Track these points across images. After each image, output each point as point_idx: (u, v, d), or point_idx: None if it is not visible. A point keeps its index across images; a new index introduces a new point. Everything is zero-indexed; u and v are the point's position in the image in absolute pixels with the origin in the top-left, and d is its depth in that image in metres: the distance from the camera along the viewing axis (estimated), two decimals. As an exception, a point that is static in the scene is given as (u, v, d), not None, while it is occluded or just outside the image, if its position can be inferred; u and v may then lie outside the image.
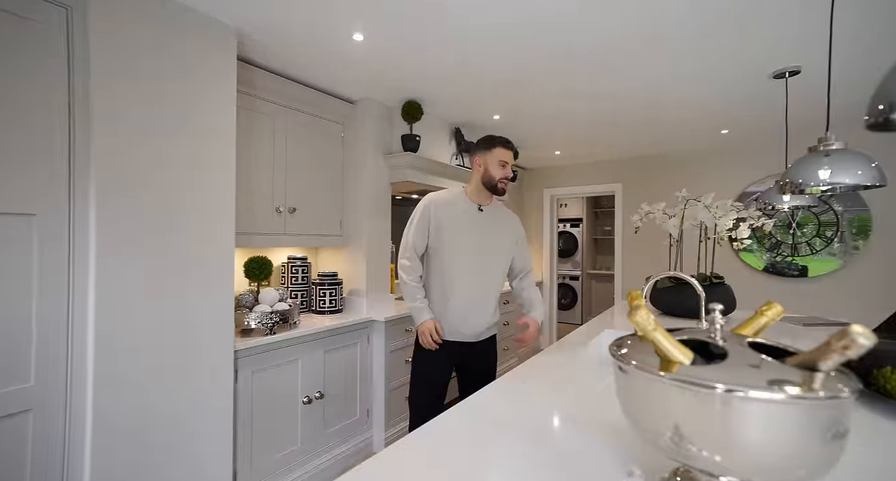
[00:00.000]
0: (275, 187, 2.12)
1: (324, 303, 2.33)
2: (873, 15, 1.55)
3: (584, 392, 1.13)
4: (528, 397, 1.09)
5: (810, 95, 2.32)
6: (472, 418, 0.96)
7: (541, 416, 0.97)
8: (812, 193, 1.30)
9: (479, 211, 1.67)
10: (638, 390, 0.60)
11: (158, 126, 1.46)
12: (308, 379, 2.01)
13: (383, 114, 2.60)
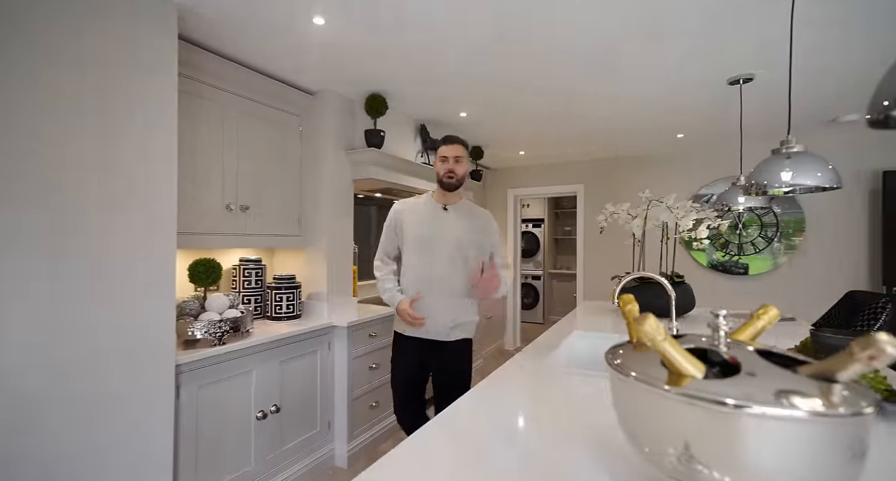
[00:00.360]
0: (225, 183, 1.93)
1: (280, 309, 2.16)
2: (827, 27, 1.64)
3: (565, 400, 1.09)
4: (510, 408, 1.03)
5: (763, 101, 2.45)
6: (451, 436, 0.88)
7: (527, 431, 0.91)
8: (775, 194, 1.34)
9: (444, 210, 1.69)
10: (640, 404, 0.55)
11: (82, 115, 1.26)
12: (263, 392, 1.85)
13: (345, 107, 2.46)
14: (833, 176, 1.17)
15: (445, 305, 1.64)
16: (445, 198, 1.71)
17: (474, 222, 1.70)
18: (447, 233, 1.65)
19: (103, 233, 1.30)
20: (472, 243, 1.68)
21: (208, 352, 1.59)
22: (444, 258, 1.64)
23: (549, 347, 1.60)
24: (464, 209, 1.72)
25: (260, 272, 2.21)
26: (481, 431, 0.89)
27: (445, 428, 0.91)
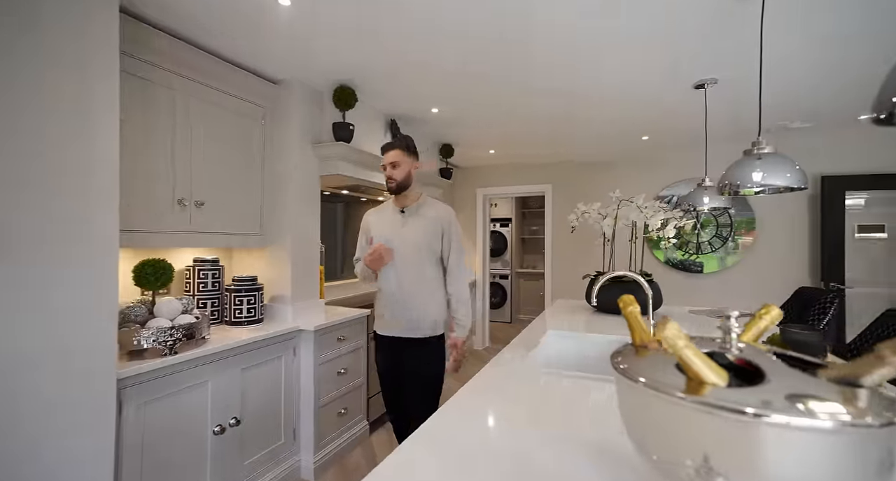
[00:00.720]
0: (177, 175, 1.76)
1: (240, 313, 2.00)
2: (790, 35, 1.72)
3: (548, 401, 1.05)
4: (494, 414, 0.98)
5: (726, 105, 2.56)
6: (437, 447, 0.82)
7: (518, 441, 0.86)
8: (746, 194, 1.38)
9: (401, 213, 1.77)
10: (651, 412, 0.51)
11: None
12: (220, 404, 1.70)
13: (312, 98, 2.33)
14: (801, 176, 1.22)
15: (411, 304, 1.70)
16: (399, 201, 1.78)
17: (429, 223, 1.73)
18: (404, 236, 1.72)
19: (26, 230, 1.12)
20: (426, 244, 1.71)
21: (157, 363, 1.43)
22: (404, 260, 1.72)
23: (527, 347, 1.57)
24: (420, 209, 1.76)
25: (217, 273, 2.04)
26: (468, 440, 0.84)
27: (429, 439, 0.85)
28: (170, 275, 1.63)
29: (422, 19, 1.63)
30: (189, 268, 2.00)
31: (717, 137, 3.30)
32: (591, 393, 1.11)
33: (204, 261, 2.02)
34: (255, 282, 2.08)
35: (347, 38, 1.80)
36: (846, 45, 1.81)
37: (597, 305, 2.44)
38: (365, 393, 2.52)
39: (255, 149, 2.14)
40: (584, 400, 1.07)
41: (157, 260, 1.62)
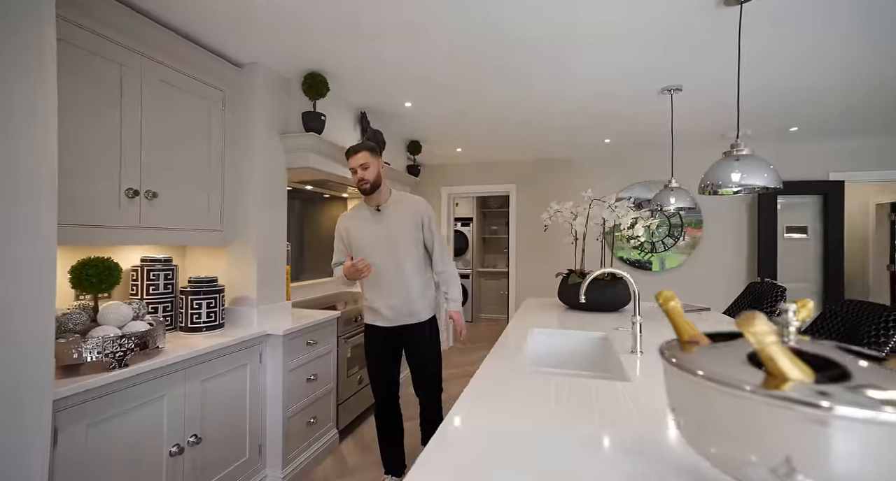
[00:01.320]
0: (125, 163, 1.54)
1: (198, 318, 1.80)
2: (754, 44, 1.84)
3: (548, 401, 1.03)
4: (516, 419, 0.94)
5: (688, 111, 2.71)
6: (454, 459, 0.76)
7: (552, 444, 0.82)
8: (724, 193, 1.46)
9: (378, 211, 1.82)
10: (716, 408, 0.49)
11: None
12: (178, 421, 1.51)
13: (280, 85, 2.16)
14: (775, 177, 1.30)
15: (401, 293, 1.80)
16: (373, 200, 1.83)
17: (405, 217, 1.81)
18: (384, 233, 1.80)
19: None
20: (405, 236, 1.80)
21: (103, 378, 1.24)
22: (388, 255, 1.79)
23: (515, 348, 1.55)
24: (396, 204, 1.84)
25: (170, 274, 1.82)
26: (482, 446, 0.79)
27: (444, 449, 0.79)
28: (116, 277, 1.42)
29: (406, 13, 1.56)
30: (136, 269, 1.77)
31: (680, 142, 3.52)
32: (599, 391, 1.11)
33: (154, 261, 1.80)
34: (215, 284, 1.88)
35: (320, 16, 1.67)
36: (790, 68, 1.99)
37: (568, 302, 2.50)
38: (334, 400, 2.38)
39: (214, 137, 1.94)
40: (591, 397, 1.06)
41: (100, 259, 1.40)
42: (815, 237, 3.68)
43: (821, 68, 2.06)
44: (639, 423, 0.90)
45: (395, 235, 1.78)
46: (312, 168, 2.20)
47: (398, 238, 1.78)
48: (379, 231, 1.79)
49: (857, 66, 2.03)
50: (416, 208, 1.82)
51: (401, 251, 1.78)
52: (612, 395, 1.08)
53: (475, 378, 1.21)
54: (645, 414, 0.95)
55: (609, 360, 1.59)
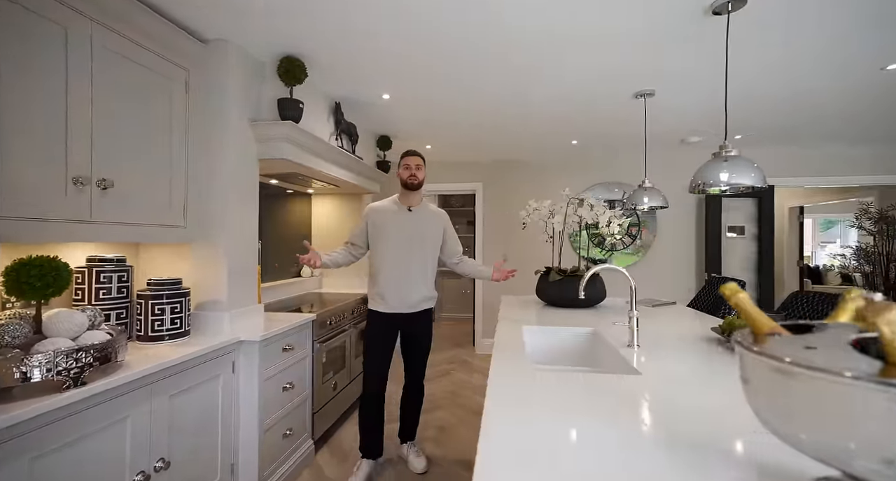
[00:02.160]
0: (72, 146, 1.31)
1: (160, 325, 1.59)
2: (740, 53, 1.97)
3: (562, 399, 1.02)
4: (534, 422, 0.90)
5: (657, 115, 2.85)
6: (517, 462, 0.71)
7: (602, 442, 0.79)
8: (712, 193, 1.54)
9: (409, 211, 2.06)
10: (819, 401, 0.49)
11: None
12: (142, 444, 1.31)
13: (252, 68, 1.97)
14: (761, 176, 1.39)
15: (414, 285, 2.02)
16: (409, 200, 2.06)
17: (433, 221, 2.11)
18: (413, 230, 2.03)
19: None
20: (432, 238, 2.08)
21: (54, 401, 1.03)
22: (411, 250, 2.01)
23: (517, 347, 1.53)
24: (424, 210, 2.10)
25: (125, 276, 1.59)
26: (538, 458, 0.75)
27: (498, 456, 0.74)
28: (66, 279, 1.20)
29: None
30: (81, 271, 1.52)
31: (637, 145, 3.71)
32: (616, 386, 1.11)
33: (105, 261, 1.56)
34: (179, 286, 1.67)
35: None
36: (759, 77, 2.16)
37: (547, 299, 2.53)
38: (310, 408, 2.23)
39: (176, 122, 1.72)
40: (612, 393, 1.06)
41: (45, 258, 1.18)
42: (751, 236, 4.06)
43: (769, 82, 2.26)
44: (673, 417, 0.91)
45: (421, 234, 2.05)
46: (287, 160, 2.04)
47: (424, 237, 2.05)
48: (408, 228, 2.03)
49: (800, 80, 2.26)
50: (440, 216, 2.16)
51: (423, 248, 2.05)
52: (632, 390, 1.08)
53: (493, 383, 1.16)
54: (675, 408, 0.96)
55: (605, 355, 1.62)
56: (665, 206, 2.41)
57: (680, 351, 1.50)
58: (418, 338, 2.12)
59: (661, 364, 1.33)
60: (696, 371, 1.26)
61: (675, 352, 1.49)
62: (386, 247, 2.00)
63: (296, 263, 3.28)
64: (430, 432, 2.57)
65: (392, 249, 1.99)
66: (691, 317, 2.21)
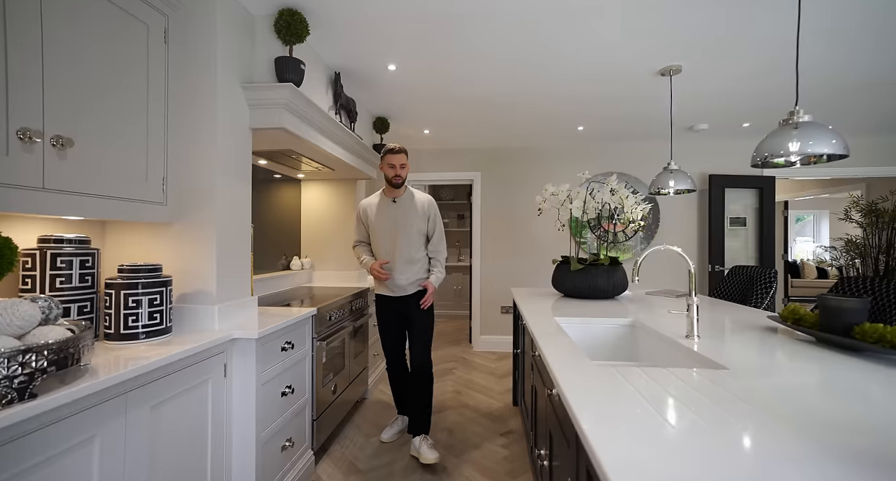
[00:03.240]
0: (14, 91, 1.01)
1: (135, 320, 1.30)
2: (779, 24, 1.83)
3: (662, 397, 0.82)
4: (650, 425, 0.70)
5: (678, 96, 2.72)
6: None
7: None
8: (778, 166, 1.38)
9: (394, 202, 2.19)
10: None
11: None
12: (115, 471, 1.03)
13: (241, 21, 1.69)
14: (842, 143, 1.23)
15: (402, 271, 2.16)
16: (393, 193, 2.20)
17: (415, 208, 2.19)
18: (397, 219, 2.17)
19: None
20: (413, 224, 2.17)
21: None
22: (398, 238, 2.16)
23: (567, 342, 1.33)
24: (407, 199, 2.21)
25: (89, 261, 1.29)
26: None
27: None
28: (10, 259, 0.91)
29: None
30: (31, 254, 1.21)
31: (638, 135, 3.60)
32: (710, 383, 0.92)
33: (63, 242, 1.25)
34: (159, 274, 1.38)
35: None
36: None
37: (565, 291, 2.35)
38: (310, 415, 1.96)
39: (154, 78, 1.43)
40: (711, 393, 0.87)
41: (-20, 231, 0.88)
42: (752, 227, 4.03)
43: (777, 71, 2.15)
44: (811, 424, 0.73)
45: (405, 222, 2.16)
46: (286, 130, 1.76)
47: (408, 225, 2.16)
48: (393, 218, 2.17)
49: (817, 71, 2.16)
50: (424, 204, 2.21)
51: (408, 235, 2.16)
52: (735, 389, 0.90)
53: (567, 387, 0.96)
54: (804, 412, 0.78)
55: (659, 347, 1.44)
56: (693, 189, 2.27)
57: (748, 341, 1.34)
58: (413, 319, 2.21)
59: (741, 356, 1.16)
60: (794, 367, 1.09)
61: (743, 342, 1.32)
62: (375, 237, 2.20)
63: (285, 255, 2.98)
64: (441, 435, 2.34)
65: (380, 238, 2.18)
66: (725, 307, 2.08)
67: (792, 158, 1.36)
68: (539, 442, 1.58)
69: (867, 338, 1.12)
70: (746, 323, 1.64)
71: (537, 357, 1.60)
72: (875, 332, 1.11)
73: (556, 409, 1.18)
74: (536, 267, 4.15)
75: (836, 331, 1.21)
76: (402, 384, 2.35)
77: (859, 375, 0.98)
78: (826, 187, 5.90)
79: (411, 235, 2.16)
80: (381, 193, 2.24)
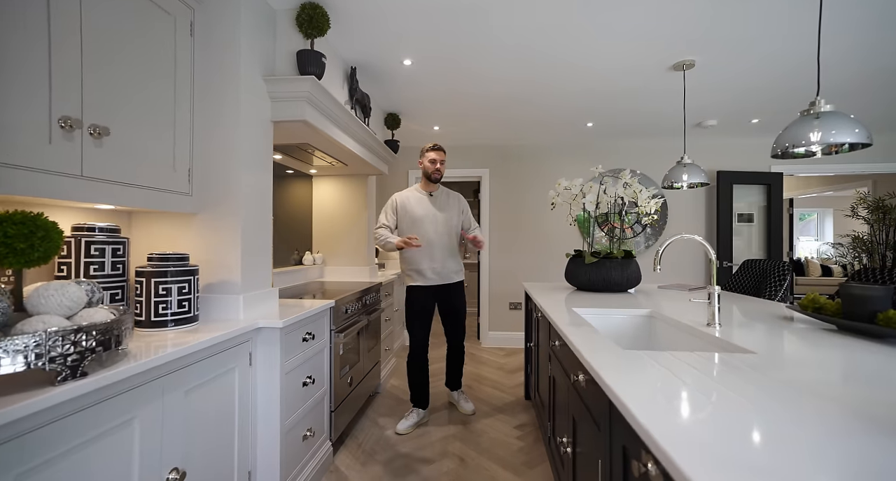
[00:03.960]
0: (56, 78, 1.03)
1: (165, 307, 1.32)
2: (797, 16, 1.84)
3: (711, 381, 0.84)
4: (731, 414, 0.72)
5: (693, 90, 2.73)
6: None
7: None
8: (797, 156, 1.40)
9: (431, 196, 2.41)
10: None
11: None
12: (155, 451, 1.05)
13: (262, 14, 1.71)
14: (865, 133, 1.25)
15: (443, 260, 2.35)
16: (429, 188, 2.41)
17: (450, 203, 2.44)
18: (433, 213, 2.37)
19: None
20: (450, 218, 2.40)
21: (45, 398, 0.77)
22: (433, 230, 2.34)
23: (587, 334, 1.35)
24: (442, 194, 2.45)
25: (120, 249, 1.31)
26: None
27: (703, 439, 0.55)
28: (57, 242, 0.93)
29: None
30: (67, 241, 1.23)
31: (644, 133, 3.61)
32: (740, 366, 0.94)
33: (94, 231, 1.27)
34: (186, 263, 1.40)
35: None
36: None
37: (579, 284, 2.37)
38: (329, 406, 1.98)
39: (181, 71, 1.45)
40: (744, 375, 0.89)
41: (27, 214, 0.90)
42: (759, 223, 4.05)
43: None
44: (852, 401, 0.75)
45: (445, 216, 2.37)
46: (307, 122, 1.78)
47: (447, 218, 2.38)
48: (431, 210, 2.36)
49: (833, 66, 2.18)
50: (458, 199, 2.48)
51: (448, 227, 2.37)
52: (766, 370, 0.92)
53: (601, 369, 0.98)
54: (840, 391, 0.80)
55: (681, 335, 1.46)
56: (707, 183, 2.29)
57: (770, 329, 1.36)
58: (455, 306, 2.42)
59: (766, 343, 1.17)
60: (820, 353, 1.11)
61: (765, 330, 1.34)
62: (416, 228, 2.31)
63: (297, 250, 3.00)
64: (456, 428, 2.36)
65: (418, 230, 2.31)
66: (741, 298, 2.09)
67: (813, 148, 1.37)
68: (559, 430, 1.60)
69: (892, 324, 1.14)
70: (764, 313, 1.66)
71: (556, 347, 1.62)
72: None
73: (582, 395, 1.20)
74: (545, 263, 4.17)
75: (860, 318, 1.23)
76: (422, 375, 2.41)
77: (885, 359, 1.00)
78: (831, 184, 5.91)
79: (452, 227, 2.37)
80: (417, 188, 2.42)
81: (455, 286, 2.42)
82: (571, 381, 1.33)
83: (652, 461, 0.67)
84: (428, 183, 2.38)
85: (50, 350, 0.79)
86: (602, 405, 0.96)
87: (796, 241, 8.72)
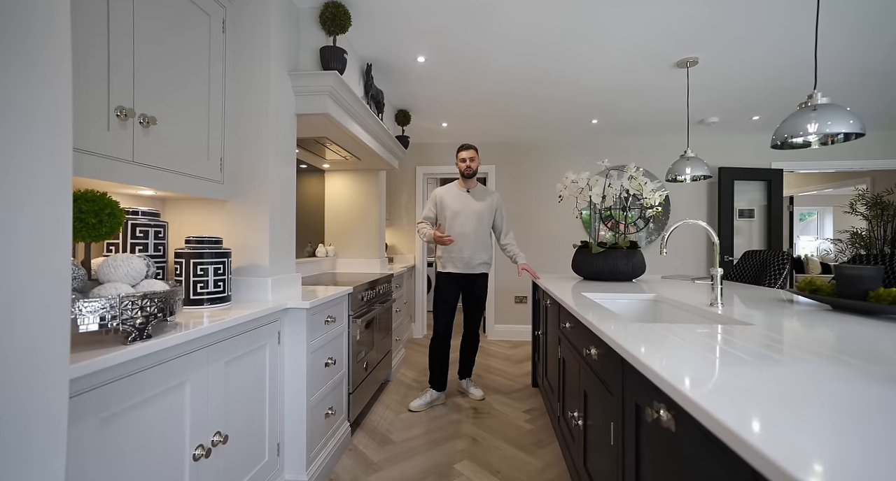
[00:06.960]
0: (114, 69, 1.13)
1: (203, 287, 1.41)
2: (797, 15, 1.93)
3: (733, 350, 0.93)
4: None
5: (695, 88, 2.82)
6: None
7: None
8: (795, 146, 1.48)
9: (467, 192, 2.59)
10: None
11: None
12: (202, 414, 1.14)
13: (288, 13, 1.80)
14: (859, 123, 1.34)
15: (473, 251, 2.53)
16: (467, 184, 2.60)
17: (486, 199, 2.60)
18: (470, 207, 2.55)
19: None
20: (485, 213, 2.57)
21: (121, 354, 0.86)
22: (469, 223, 2.52)
23: (602, 313, 1.44)
24: (479, 191, 2.62)
25: (161, 232, 1.40)
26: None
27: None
28: (120, 218, 1.02)
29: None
30: (114, 223, 1.32)
31: (644, 130, 3.70)
32: (742, 334, 1.03)
33: (137, 214, 1.37)
34: (220, 246, 1.49)
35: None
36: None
37: (585, 273, 2.46)
38: (347, 388, 2.08)
39: (214, 65, 1.54)
40: (744, 341, 0.98)
41: (95, 193, 0.99)
42: (760, 219, 4.13)
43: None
44: (841, 356, 0.83)
45: (478, 211, 2.54)
46: (329, 116, 1.87)
47: (480, 213, 2.54)
48: (469, 205, 2.53)
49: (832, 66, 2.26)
50: (493, 196, 2.64)
51: (480, 221, 2.54)
52: (764, 337, 1.01)
53: (616, 336, 1.06)
54: (830, 349, 0.89)
55: (684, 315, 1.55)
56: (710, 176, 2.38)
57: (768, 308, 1.45)
58: (478, 294, 2.60)
59: (763, 317, 1.26)
60: (813, 323, 1.20)
61: (764, 309, 1.43)
62: (452, 221, 2.51)
63: (310, 242, 3.09)
64: (468, 412, 2.45)
65: (456, 223, 2.50)
66: (741, 286, 2.18)
67: (810, 138, 1.46)
68: (569, 407, 1.69)
69: (881, 300, 1.23)
70: (764, 297, 1.75)
71: (567, 328, 1.71)
72: (889, 295, 1.22)
73: (594, 367, 1.29)
74: (551, 257, 4.26)
75: (853, 297, 1.32)
76: (443, 358, 2.54)
77: (874, 332, 1.09)
78: (831, 181, 5.99)
79: (484, 222, 2.54)
80: (456, 184, 2.61)
81: (480, 277, 2.59)
82: (583, 356, 1.42)
83: (664, 406, 0.76)
84: (464, 179, 2.56)
85: (122, 312, 0.88)
86: (614, 367, 1.05)
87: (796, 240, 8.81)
